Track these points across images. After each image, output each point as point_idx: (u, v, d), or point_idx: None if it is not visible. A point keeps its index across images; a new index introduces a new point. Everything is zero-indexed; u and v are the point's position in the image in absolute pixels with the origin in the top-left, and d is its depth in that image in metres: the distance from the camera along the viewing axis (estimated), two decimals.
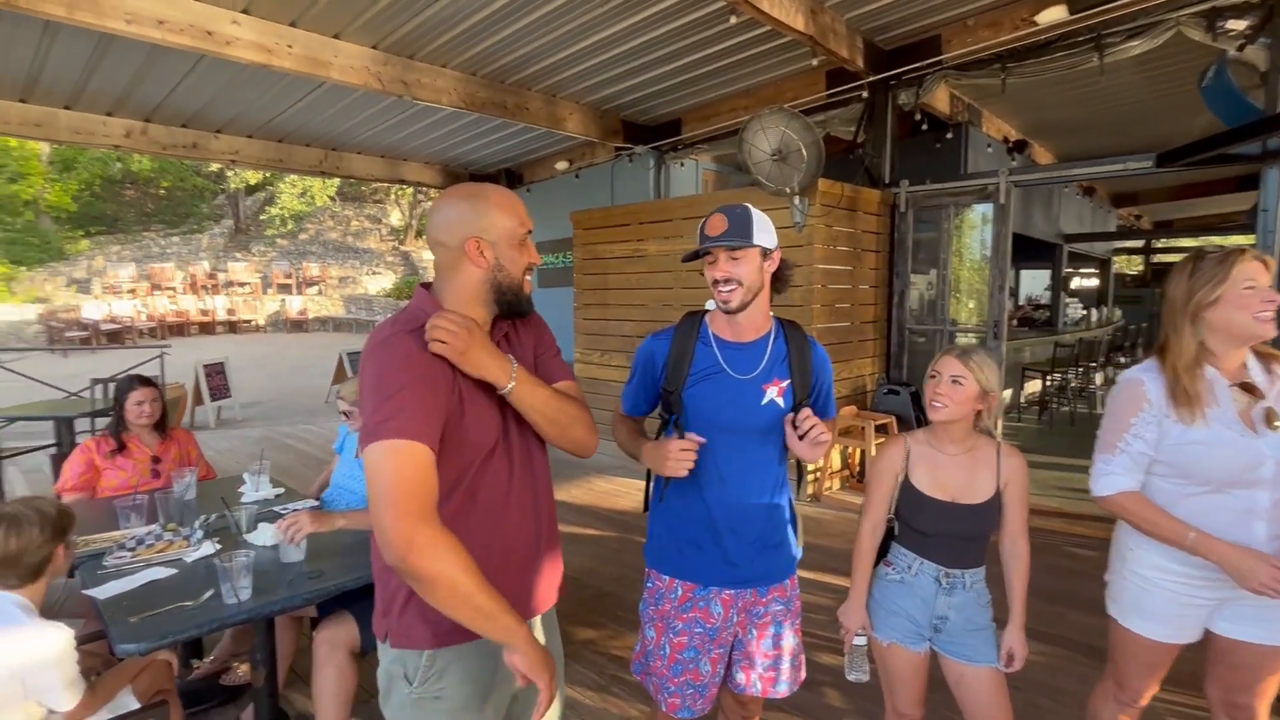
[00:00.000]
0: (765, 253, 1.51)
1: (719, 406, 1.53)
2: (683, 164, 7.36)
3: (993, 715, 1.64)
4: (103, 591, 1.79)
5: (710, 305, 1.59)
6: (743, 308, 1.50)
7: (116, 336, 15.55)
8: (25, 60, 4.96)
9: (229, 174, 21.28)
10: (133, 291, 17.47)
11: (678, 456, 1.42)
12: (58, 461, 3.03)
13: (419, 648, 1.18)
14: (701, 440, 1.44)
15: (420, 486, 1.04)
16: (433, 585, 1.02)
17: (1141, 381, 1.57)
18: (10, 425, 5.97)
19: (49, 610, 2.19)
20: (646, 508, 1.68)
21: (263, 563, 1.93)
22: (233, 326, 17.97)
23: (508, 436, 1.25)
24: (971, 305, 6.57)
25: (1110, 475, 1.60)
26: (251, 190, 23.04)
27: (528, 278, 1.27)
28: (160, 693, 1.78)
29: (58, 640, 1.50)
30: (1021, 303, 12.53)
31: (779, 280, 1.59)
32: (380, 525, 1.02)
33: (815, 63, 4.85)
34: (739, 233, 1.46)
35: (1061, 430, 7.20)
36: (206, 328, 17.48)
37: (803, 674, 1.67)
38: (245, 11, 4.30)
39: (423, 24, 4.61)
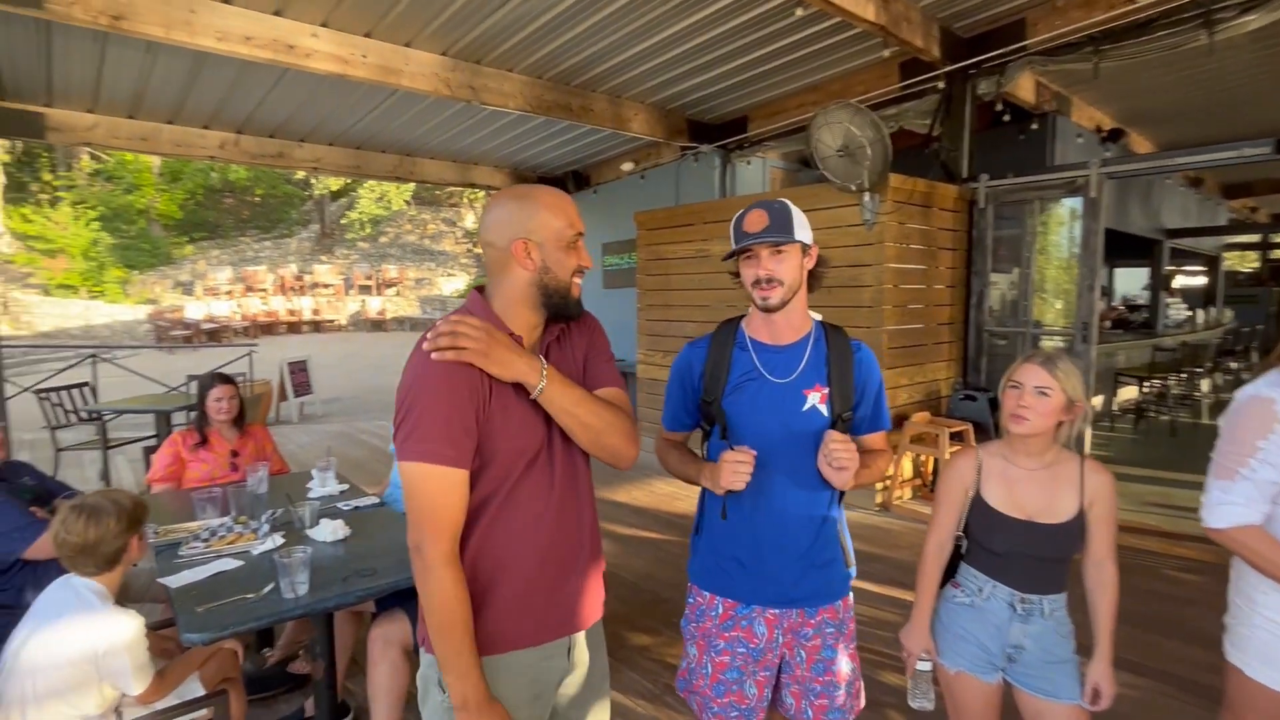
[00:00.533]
0: (804, 249, 1.44)
1: (759, 413, 1.45)
2: (749, 162, 7.23)
3: None
4: (175, 580, 1.88)
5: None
6: (782, 306, 1.43)
7: (215, 335, 16.69)
8: (132, 79, 5.35)
9: (313, 181, 22.46)
10: (229, 293, 18.70)
11: (733, 467, 1.34)
12: (149, 454, 3.22)
13: None
14: (753, 452, 1.36)
15: (438, 511, 1.10)
16: (425, 607, 1.11)
17: (1272, 400, 1.36)
18: (118, 417, 6.47)
19: (137, 595, 2.34)
20: (697, 529, 1.60)
21: (321, 559, 1.99)
22: (317, 326, 18.95)
23: (551, 445, 1.22)
24: (1058, 306, 6.16)
25: (1228, 505, 1.39)
26: (336, 196, 24.26)
27: (577, 280, 1.24)
28: (225, 680, 1.85)
29: (129, 627, 1.58)
30: (1116, 303, 11.68)
31: (814, 278, 1.51)
32: (412, 542, 1.12)
33: (887, 54, 4.65)
34: (780, 229, 1.38)
35: (1160, 441, 6.66)
36: (293, 327, 18.50)
37: (861, 702, 1.56)
38: (324, 25, 4.49)
39: (489, 29, 4.69)
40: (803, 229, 1.42)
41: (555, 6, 4.36)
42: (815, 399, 1.46)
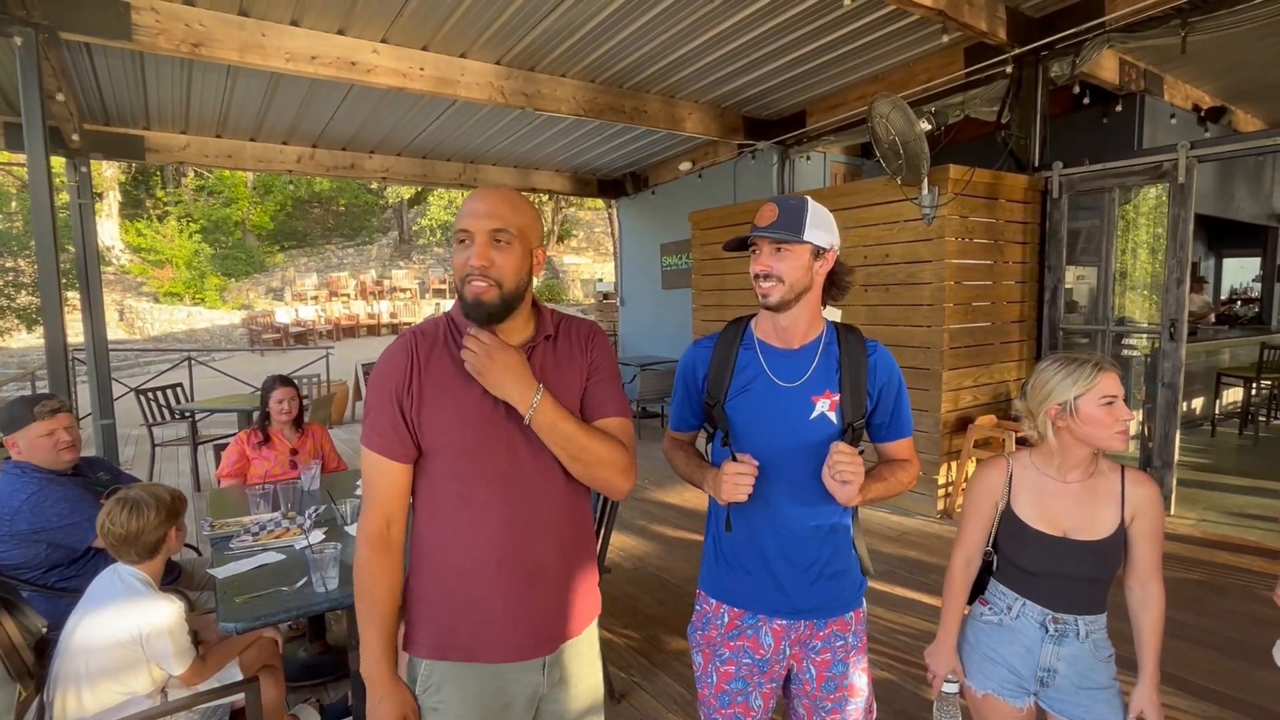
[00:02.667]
0: (818, 252, 1.37)
1: (763, 417, 1.39)
2: (808, 157, 7.05)
3: None
4: (223, 571, 2.00)
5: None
6: (783, 306, 1.36)
7: (302, 338, 17.71)
8: (216, 101, 5.75)
9: (388, 190, 23.50)
10: (315, 298, 19.80)
11: (734, 480, 1.29)
12: (220, 451, 3.45)
13: (417, 655, 1.19)
14: (755, 463, 1.31)
15: (368, 491, 1.18)
16: (355, 586, 1.18)
17: None
18: (209, 416, 6.96)
19: (199, 583, 2.50)
20: (707, 535, 1.57)
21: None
22: (394, 329, 19.80)
23: (513, 447, 1.17)
24: (1146, 301, 5.72)
25: None
26: (412, 204, 25.30)
27: (473, 282, 1.13)
28: (265, 668, 1.95)
29: (169, 612, 1.70)
30: (1224, 296, 10.72)
31: (834, 285, 1.43)
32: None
33: (946, 40, 4.43)
34: (788, 226, 1.33)
35: (1269, 449, 6.05)
36: (372, 329, 19.41)
37: (874, 716, 1.49)
38: (383, 40, 4.69)
39: (540, 35, 4.76)
40: (818, 230, 1.35)
41: (605, 9, 4.38)
42: (824, 406, 1.39)
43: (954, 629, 1.53)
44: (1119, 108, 5.78)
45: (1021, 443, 4.37)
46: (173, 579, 2.50)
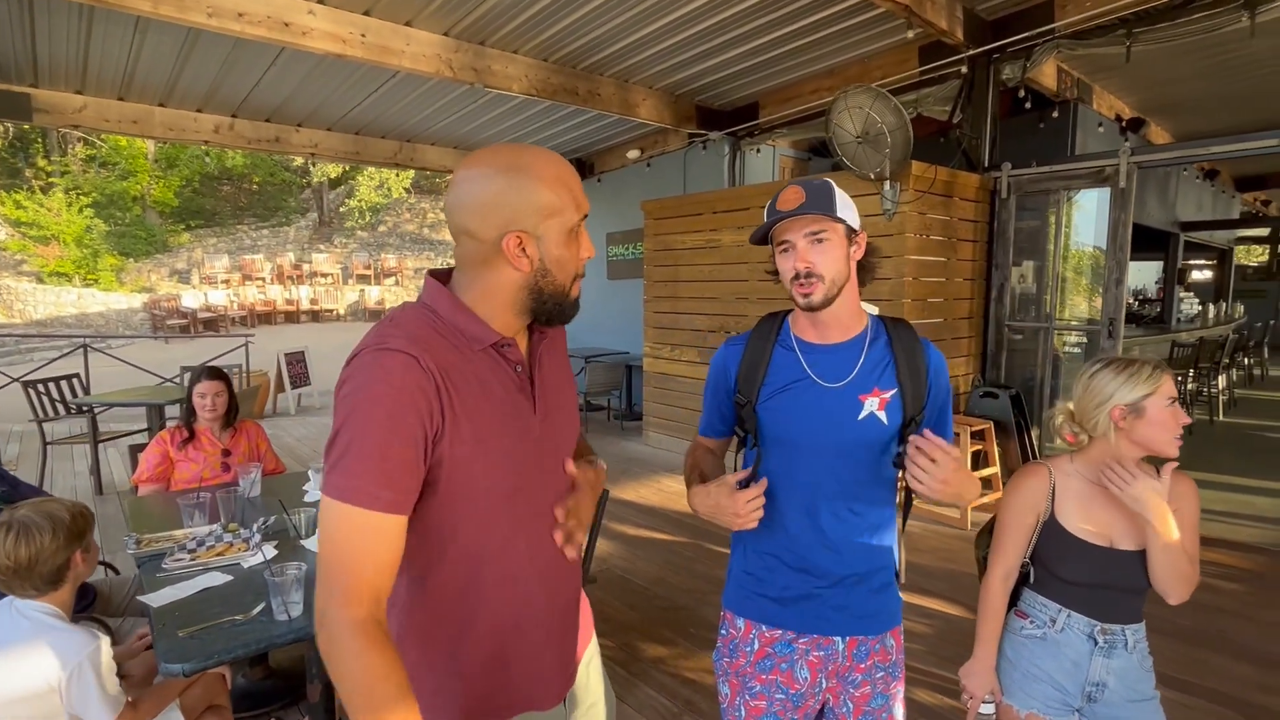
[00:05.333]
0: (851, 234, 1.24)
1: (804, 421, 1.26)
2: (759, 150, 7.02)
3: None
4: (157, 599, 1.71)
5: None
6: (826, 304, 1.23)
7: (212, 324, 16.47)
8: (119, 58, 5.13)
9: (312, 168, 22.18)
10: (226, 282, 18.45)
11: (748, 509, 1.16)
12: (136, 452, 3.05)
13: None
14: (763, 484, 1.19)
15: (357, 566, 0.81)
16: (341, 691, 0.79)
17: None
18: (109, 410, 6.29)
19: (118, 609, 2.17)
20: (734, 547, 1.44)
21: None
22: (315, 315, 18.73)
23: (543, 475, 1.02)
24: (1080, 300, 5.98)
25: None
26: (334, 184, 23.97)
27: (578, 278, 0.99)
28: (211, 709, 1.69)
29: (93, 650, 1.41)
30: (1128, 298, 11.53)
31: (864, 270, 1.31)
32: (316, 598, 0.82)
33: (911, 35, 4.45)
34: (818, 206, 1.18)
35: (1185, 440, 6.49)
36: (291, 316, 18.28)
37: None
38: (320, 1, 4.29)
39: (494, 8, 4.48)
40: (847, 210, 1.23)
41: None
42: (874, 405, 1.28)
43: (993, 647, 1.46)
44: (1055, 113, 6.02)
45: (976, 437, 4.48)
46: (86, 604, 2.16)
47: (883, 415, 1.27)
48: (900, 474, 1.35)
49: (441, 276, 0.98)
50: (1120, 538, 1.36)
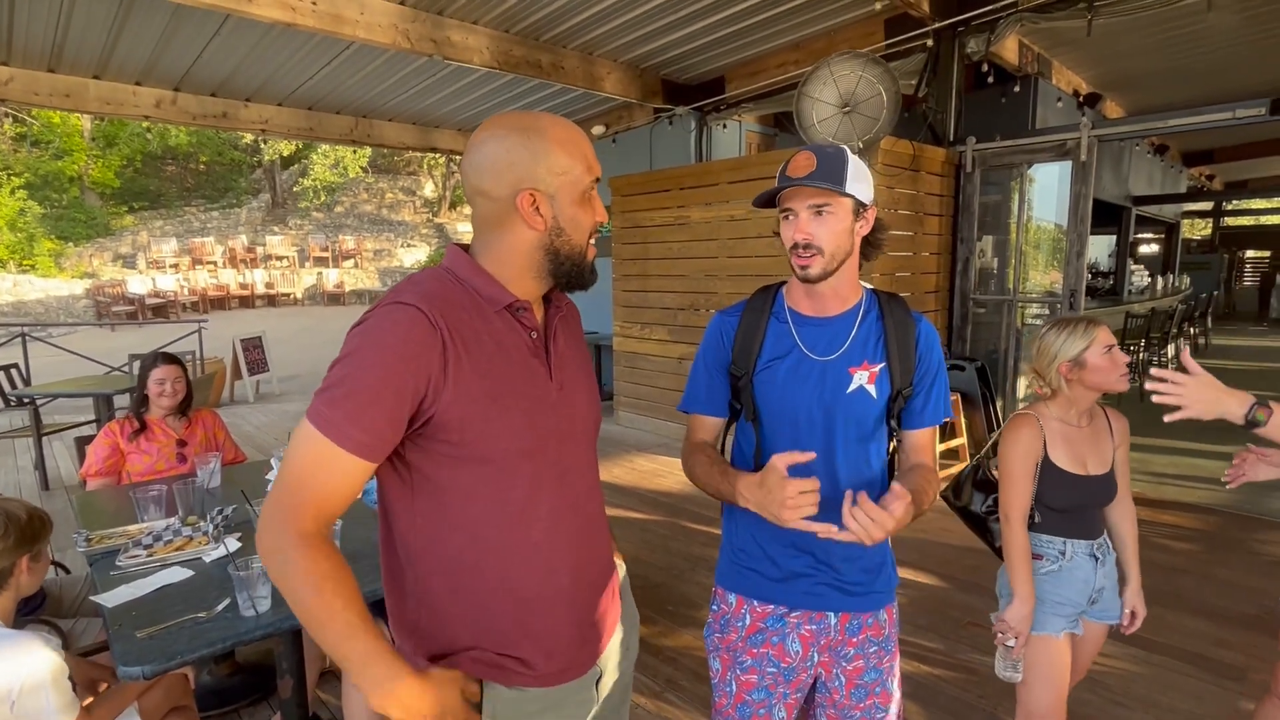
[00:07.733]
0: (859, 209, 1.20)
1: (794, 394, 1.24)
2: (725, 125, 6.97)
3: (1085, 668, 1.75)
4: (111, 598, 1.62)
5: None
6: (824, 277, 1.21)
7: (161, 311, 15.83)
8: (48, 25, 4.80)
9: (263, 146, 21.33)
10: (175, 266, 17.72)
11: (797, 501, 1.04)
12: (83, 445, 2.89)
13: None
14: (816, 482, 1.06)
15: (322, 496, 0.85)
16: (293, 604, 0.84)
17: None
18: (53, 401, 6.00)
19: (69, 610, 2.05)
20: (725, 525, 1.42)
21: None
22: (271, 300, 18.14)
23: (566, 439, 1.01)
24: (1041, 274, 6.10)
25: None
26: (287, 163, 23.11)
27: (592, 242, 1.01)
28: (174, 711, 1.61)
29: (44, 658, 1.31)
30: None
31: (870, 245, 1.28)
32: (262, 513, 0.85)
33: (879, 6, 4.42)
34: (827, 176, 1.14)
35: (1131, 407, 6.70)
36: (245, 301, 17.67)
37: None
38: None
39: None
40: (859, 184, 1.18)
41: None
42: (863, 378, 1.26)
43: (1032, 586, 1.58)
44: (1017, 88, 6.09)
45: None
46: (35, 606, 2.04)
47: (872, 389, 1.26)
48: (891, 447, 1.34)
49: (463, 247, 1.01)
50: (1093, 465, 1.62)
